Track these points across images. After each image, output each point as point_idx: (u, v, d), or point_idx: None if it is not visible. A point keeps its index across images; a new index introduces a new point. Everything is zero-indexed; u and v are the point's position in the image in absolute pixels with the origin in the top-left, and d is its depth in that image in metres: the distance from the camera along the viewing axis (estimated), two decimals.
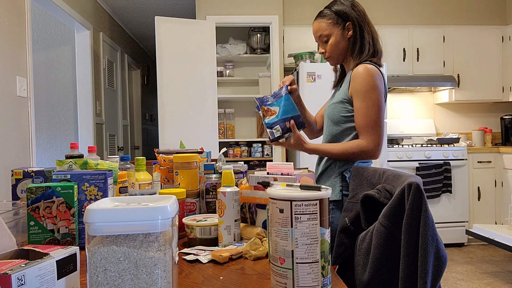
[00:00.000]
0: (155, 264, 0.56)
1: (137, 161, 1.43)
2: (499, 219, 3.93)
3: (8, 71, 2.57)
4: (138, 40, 6.27)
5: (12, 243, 0.72)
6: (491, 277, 3.06)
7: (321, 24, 1.55)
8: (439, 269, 0.82)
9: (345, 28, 1.52)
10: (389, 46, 4.11)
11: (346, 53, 1.56)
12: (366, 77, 1.43)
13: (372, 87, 1.42)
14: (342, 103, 1.51)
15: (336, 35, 1.53)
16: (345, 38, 1.53)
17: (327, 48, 1.56)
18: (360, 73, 1.44)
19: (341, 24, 1.52)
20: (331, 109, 1.55)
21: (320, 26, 1.55)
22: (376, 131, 1.43)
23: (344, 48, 1.55)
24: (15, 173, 1.12)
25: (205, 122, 3.75)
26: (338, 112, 1.51)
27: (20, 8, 2.73)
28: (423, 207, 0.83)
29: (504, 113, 4.56)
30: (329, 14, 1.54)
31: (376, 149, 1.44)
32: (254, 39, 4.23)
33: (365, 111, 1.43)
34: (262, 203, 1.04)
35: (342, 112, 1.50)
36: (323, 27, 1.54)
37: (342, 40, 1.53)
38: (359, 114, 1.44)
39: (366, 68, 1.44)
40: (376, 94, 1.43)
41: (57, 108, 4.08)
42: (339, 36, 1.53)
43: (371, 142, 1.43)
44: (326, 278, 0.69)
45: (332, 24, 1.53)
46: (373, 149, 1.43)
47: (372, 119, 1.43)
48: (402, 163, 3.79)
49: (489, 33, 4.22)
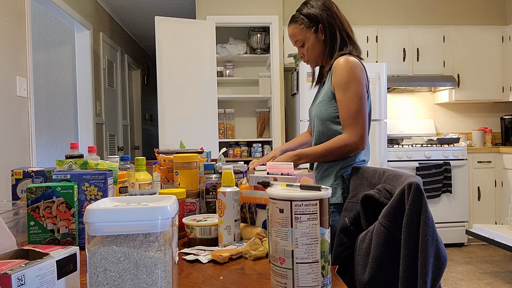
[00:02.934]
0: (155, 264, 0.56)
1: (137, 161, 1.43)
2: (499, 219, 3.93)
3: (8, 71, 2.57)
4: (138, 40, 6.27)
5: (12, 243, 0.72)
6: (491, 277, 3.06)
7: (294, 30, 1.54)
8: (439, 269, 0.82)
9: (319, 30, 1.51)
10: (389, 46, 4.11)
11: (324, 54, 1.55)
12: (346, 68, 1.40)
13: (352, 78, 1.40)
14: (329, 100, 1.48)
15: (310, 39, 1.52)
16: (320, 40, 1.52)
17: (305, 52, 1.56)
18: (340, 65, 1.42)
19: (313, 28, 1.51)
20: (318, 108, 1.52)
21: (293, 32, 1.54)
22: (358, 122, 1.40)
23: (321, 50, 1.54)
24: (15, 173, 1.12)
25: (205, 122, 3.75)
26: (326, 110, 1.49)
27: (20, 8, 2.73)
28: (423, 207, 0.83)
29: (504, 113, 4.56)
30: (301, 19, 1.52)
31: (359, 141, 1.40)
32: (254, 39, 4.23)
33: (346, 103, 1.40)
34: (262, 203, 1.04)
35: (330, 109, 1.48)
36: (296, 32, 1.53)
37: (317, 43, 1.52)
38: (341, 106, 1.42)
39: (346, 60, 1.42)
40: (356, 85, 1.40)
41: (57, 108, 4.08)
42: (314, 39, 1.52)
43: (352, 134, 1.40)
44: (326, 278, 0.69)
45: (304, 28, 1.52)
46: (356, 141, 1.40)
47: (353, 111, 1.40)
48: (402, 163, 3.79)
49: (489, 33, 4.22)
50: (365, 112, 1.42)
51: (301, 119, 3.60)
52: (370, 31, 4.10)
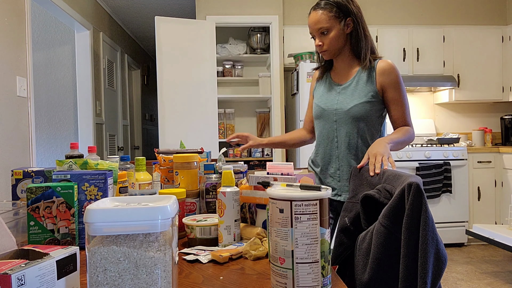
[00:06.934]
0: (155, 264, 0.56)
1: (137, 161, 1.43)
2: (499, 219, 3.93)
3: (8, 71, 2.57)
4: (138, 40, 6.27)
5: (12, 243, 0.72)
6: (491, 277, 3.06)
7: (322, 16, 1.49)
8: (439, 269, 0.82)
9: (346, 23, 1.50)
10: (389, 46, 4.11)
11: (343, 48, 1.55)
12: (397, 70, 1.53)
13: (401, 79, 1.54)
14: (370, 103, 1.50)
15: (336, 29, 1.50)
16: (344, 33, 1.51)
17: (326, 41, 1.52)
18: (392, 67, 1.52)
19: (342, 19, 1.49)
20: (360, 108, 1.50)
21: (320, 18, 1.49)
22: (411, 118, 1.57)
23: (343, 43, 1.53)
24: (15, 173, 1.12)
25: (205, 122, 3.75)
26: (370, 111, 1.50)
27: (20, 8, 2.73)
28: (423, 207, 0.83)
29: (504, 113, 4.56)
30: (331, 6, 1.49)
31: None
32: (254, 39, 4.23)
33: (404, 102, 1.53)
34: (262, 203, 1.04)
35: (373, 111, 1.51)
36: (323, 19, 1.49)
37: (342, 35, 1.51)
38: (399, 104, 1.52)
39: (392, 62, 1.54)
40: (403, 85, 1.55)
41: (57, 108, 4.08)
42: (340, 30, 1.50)
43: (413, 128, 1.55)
44: (326, 278, 0.69)
45: (333, 17, 1.49)
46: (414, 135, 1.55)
47: (409, 108, 1.54)
48: (402, 163, 3.79)
49: (489, 33, 4.22)
50: None
51: (301, 119, 3.60)
52: (370, 31, 4.06)
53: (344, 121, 1.53)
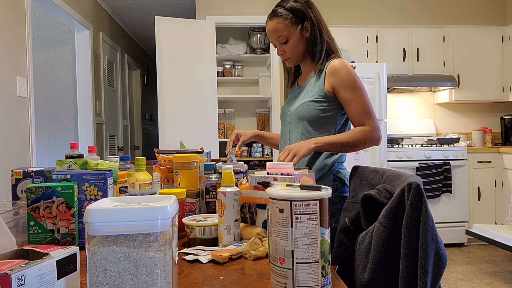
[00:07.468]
0: (155, 264, 0.56)
1: (137, 161, 1.43)
2: (499, 219, 3.93)
3: (8, 71, 2.57)
4: (138, 40, 6.27)
5: (12, 243, 0.72)
6: (491, 277, 3.06)
7: (278, 25, 1.47)
8: (439, 269, 0.82)
9: (304, 27, 1.47)
10: (389, 46, 4.11)
11: (305, 53, 1.52)
12: (347, 69, 1.43)
13: (355, 77, 1.43)
14: (316, 102, 1.45)
15: (295, 36, 1.47)
16: (303, 38, 1.48)
17: (287, 49, 1.50)
18: (341, 66, 1.43)
19: (299, 24, 1.46)
20: (304, 107, 1.47)
21: (277, 27, 1.47)
22: (373, 117, 1.44)
23: (304, 48, 1.50)
24: (15, 173, 1.12)
25: (205, 122, 3.75)
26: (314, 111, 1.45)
27: (20, 8, 2.73)
28: (423, 207, 0.83)
29: (504, 113, 4.56)
30: (285, 14, 1.46)
31: (379, 134, 1.43)
32: (254, 39, 4.23)
33: (359, 100, 1.42)
34: (262, 203, 1.04)
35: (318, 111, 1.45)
36: (280, 27, 1.46)
37: (301, 40, 1.48)
38: (353, 104, 1.42)
39: (342, 61, 1.45)
40: (360, 83, 1.44)
41: (57, 108, 4.08)
42: (298, 36, 1.47)
43: (374, 128, 1.42)
44: (326, 278, 0.69)
45: (290, 24, 1.46)
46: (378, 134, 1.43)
47: (367, 106, 1.43)
48: (402, 163, 3.79)
49: (489, 33, 4.22)
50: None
51: None
52: (370, 31, 4.10)
53: (293, 122, 1.52)
